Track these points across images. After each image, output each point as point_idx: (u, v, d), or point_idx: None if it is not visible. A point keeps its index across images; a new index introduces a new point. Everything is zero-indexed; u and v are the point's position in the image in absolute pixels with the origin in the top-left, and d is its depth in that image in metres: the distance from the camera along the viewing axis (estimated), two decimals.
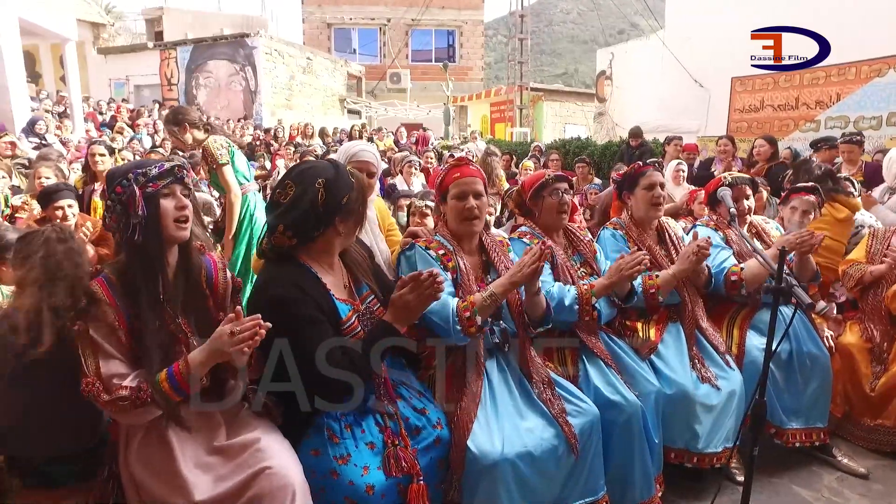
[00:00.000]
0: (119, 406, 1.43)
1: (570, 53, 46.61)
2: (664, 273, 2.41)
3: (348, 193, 1.67)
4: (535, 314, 2.06)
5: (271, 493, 1.44)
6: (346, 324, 1.70)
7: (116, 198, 1.51)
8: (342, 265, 1.83)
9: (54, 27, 10.08)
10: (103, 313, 1.48)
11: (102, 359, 1.45)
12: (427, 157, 7.24)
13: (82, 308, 1.49)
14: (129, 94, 16.51)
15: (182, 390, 1.47)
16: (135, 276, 1.53)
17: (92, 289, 1.51)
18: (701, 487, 2.40)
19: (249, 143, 11.18)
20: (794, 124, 9.13)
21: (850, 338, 2.90)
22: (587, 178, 6.74)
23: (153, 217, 1.52)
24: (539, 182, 2.41)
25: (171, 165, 1.59)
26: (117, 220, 1.52)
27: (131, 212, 1.49)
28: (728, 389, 2.36)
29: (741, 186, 2.75)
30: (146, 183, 1.52)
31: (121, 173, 1.54)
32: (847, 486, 2.52)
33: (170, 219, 1.55)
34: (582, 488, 1.94)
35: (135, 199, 1.49)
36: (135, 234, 1.50)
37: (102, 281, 1.50)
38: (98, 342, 1.46)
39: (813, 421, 2.61)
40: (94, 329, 1.46)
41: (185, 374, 1.46)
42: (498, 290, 1.90)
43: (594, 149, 9.54)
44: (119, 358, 1.48)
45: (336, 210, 1.65)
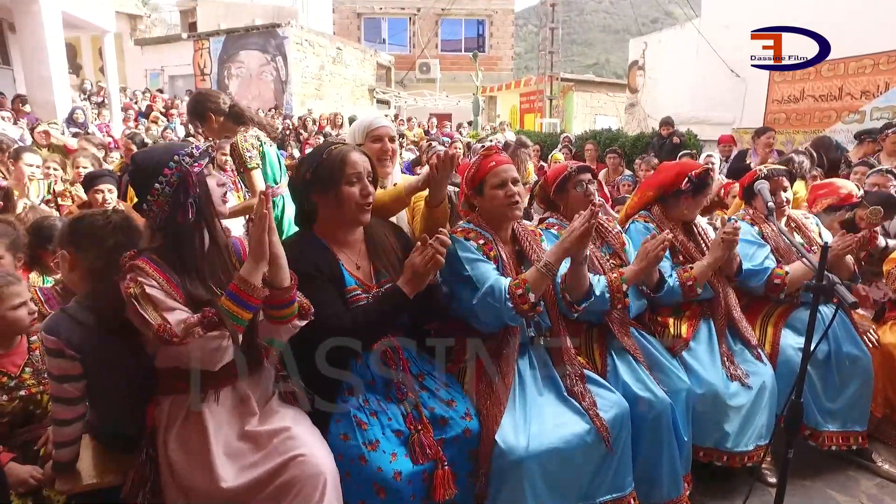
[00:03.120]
0: (194, 337, 1.42)
1: (602, 43, 45.73)
2: (698, 264, 2.38)
3: (311, 168, 1.78)
4: (579, 289, 2.03)
5: (303, 480, 1.46)
6: (351, 293, 1.77)
7: (165, 179, 1.52)
8: (365, 249, 1.88)
9: (94, 19, 10.37)
10: (152, 278, 1.49)
11: (166, 311, 1.45)
12: (454, 146, 7.21)
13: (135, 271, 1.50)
14: (163, 85, 16.90)
15: (245, 302, 1.46)
16: (178, 255, 1.55)
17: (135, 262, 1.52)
18: (731, 487, 2.36)
19: (280, 131, 11.35)
20: (836, 115, 8.75)
21: (890, 337, 2.78)
22: (618, 169, 6.63)
23: (204, 194, 1.55)
24: (563, 175, 2.38)
25: (206, 145, 1.64)
26: (162, 205, 1.52)
27: (188, 190, 1.51)
28: (758, 384, 2.31)
29: (778, 178, 2.65)
30: (192, 163, 1.54)
31: (159, 158, 1.55)
32: (888, 494, 2.43)
33: (216, 196, 1.59)
34: (610, 483, 1.92)
35: (192, 177, 1.52)
36: (187, 212, 1.52)
37: (146, 260, 1.52)
38: (158, 297, 1.46)
39: (851, 424, 2.53)
40: (150, 288, 1.47)
41: (240, 284, 1.46)
42: (552, 257, 1.88)
43: (625, 140, 9.36)
44: (182, 308, 1.48)
45: (306, 185, 1.78)
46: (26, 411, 1.95)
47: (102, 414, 1.81)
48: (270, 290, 1.51)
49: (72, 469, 1.73)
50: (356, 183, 1.77)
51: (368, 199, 1.79)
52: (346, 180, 1.76)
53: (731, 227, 2.29)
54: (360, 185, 1.78)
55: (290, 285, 1.53)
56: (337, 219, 1.82)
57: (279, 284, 1.51)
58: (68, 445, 1.70)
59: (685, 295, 2.34)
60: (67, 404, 1.66)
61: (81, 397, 1.68)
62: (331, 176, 1.75)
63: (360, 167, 1.78)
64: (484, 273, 1.93)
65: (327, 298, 1.70)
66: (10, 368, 1.93)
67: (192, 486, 1.51)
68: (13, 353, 1.95)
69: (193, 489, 1.51)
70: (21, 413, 1.94)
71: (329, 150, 1.79)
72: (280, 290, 1.51)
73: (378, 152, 2.26)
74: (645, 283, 2.35)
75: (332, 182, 1.75)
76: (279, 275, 1.51)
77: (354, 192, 1.76)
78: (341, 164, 1.76)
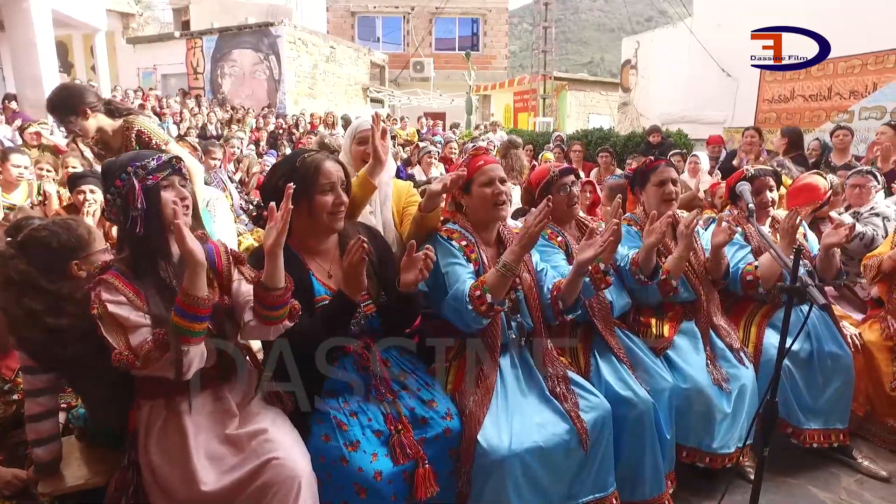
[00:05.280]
0: (152, 360, 1.42)
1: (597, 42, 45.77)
2: (670, 258, 2.38)
3: (282, 176, 1.77)
4: (572, 299, 2.04)
5: (278, 483, 1.47)
6: (319, 303, 1.76)
7: (116, 191, 1.51)
8: (339, 255, 1.86)
9: (86, 18, 10.32)
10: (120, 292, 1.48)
11: (130, 333, 1.44)
12: (450, 147, 7.21)
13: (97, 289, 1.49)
14: (156, 83, 16.78)
15: (195, 315, 1.43)
16: (140, 266, 1.54)
17: (103, 276, 1.51)
18: (713, 485, 2.38)
19: (272, 131, 11.31)
20: (825, 115, 8.83)
21: (870, 336, 2.83)
22: (609, 168, 6.65)
23: (154, 209, 1.53)
24: (545, 180, 2.40)
25: (169, 157, 1.59)
26: (117, 214, 1.53)
27: (131, 205, 1.50)
28: (738, 386, 2.33)
29: (763, 179, 2.68)
30: (146, 176, 1.52)
31: (119, 166, 1.53)
32: (867, 489, 2.47)
33: (170, 209, 1.55)
34: (592, 484, 1.94)
35: (134, 192, 1.50)
36: (136, 226, 1.50)
37: (115, 273, 1.52)
38: (122, 317, 1.45)
39: (832, 422, 2.56)
40: (114, 307, 1.45)
41: (185, 299, 1.42)
42: (509, 257, 1.87)
43: (616, 139, 9.39)
44: (147, 325, 1.47)
45: (278, 193, 1.70)
46: (18, 414, 1.95)
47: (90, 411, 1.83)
48: (267, 292, 1.51)
49: (54, 470, 1.73)
50: (329, 192, 1.77)
51: (341, 208, 1.79)
52: (320, 189, 1.75)
53: (687, 219, 2.31)
54: (334, 195, 1.77)
55: (286, 286, 1.53)
56: (309, 227, 1.81)
57: (275, 285, 1.51)
58: (44, 444, 1.70)
59: (662, 290, 2.34)
60: (33, 396, 1.67)
61: (46, 389, 1.69)
62: (304, 185, 1.74)
63: (333, 176, 1.78)
64: (456, 276, 1.95)
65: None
66: (6, 373, 1.94)
67: (173, 489, 1.52)
68: (8, 357, 1.96)
69: (175, 492, 1.52)
70: (12, 417, 1.95)
71: (303, 159, 1.79)
72: (276, 290, 1.51)
73: (363, 155, 2.27)
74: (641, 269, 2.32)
75: (305, 191, 1.75)
76: (275, 275, 1.51)
77: (328, 202, 1.76)
78: (315, 173, 1.75)
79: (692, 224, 2.32)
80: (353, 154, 2.33)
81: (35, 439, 1.70)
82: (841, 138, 5.18)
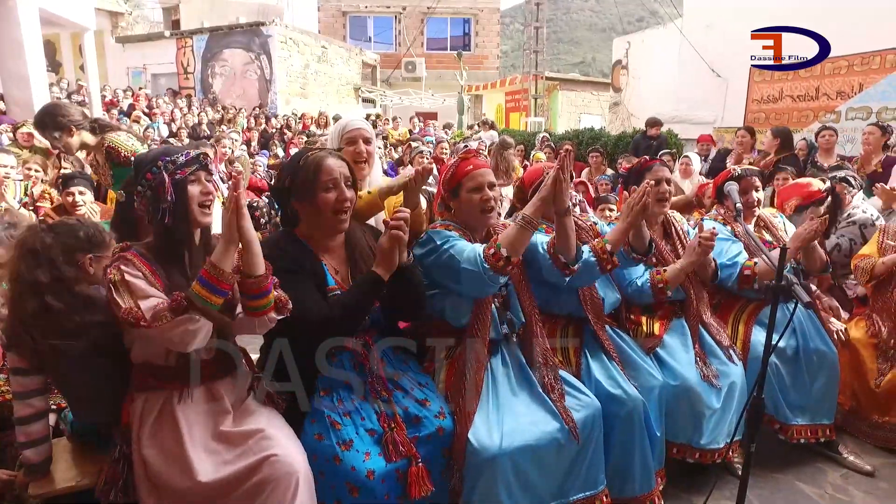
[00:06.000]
0: (162, 322, 1.43)
1: (588, 42, 45.97)
2: (672, 267, 2.41)
3: (289, 176, 1.81)
4: (569, 249, 2.03)
5: (276, 479, 1.48)
6: (332, 293, 1.78)
7: (147, 184, 1.57)
8: (345, 255, 1.89)
9: (73, 16, 10.18)
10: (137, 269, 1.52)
11: (141, 299, 1.47)
12: (441, 147, 7.22)
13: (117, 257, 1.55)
14: (146, 83, 16.66)
15: (217, 288, 1.47)
16: (163, 254, 1.60)
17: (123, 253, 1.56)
18: (703, 481, 2.41)
19: (264, 129, 11.29)
20: (813, 115, 8.92)
21: (855, 333, 2.88)
22: (601, 168, 6.69)
23: (181, 202, 1.58)
24: (539, 179, 2.41)
25: (197, 153, 1.63)
26: (147, 205, 1.59)
27: (161, 197, 1.56)
28: (727, 383, 2.36)
29: (749, 178, 2.72)
30: (175, 170, 1.57)
31: (150, 160, 1.59)
32: (852, 484, 2.51)
33: (195, 204, 1.61)
34: (582, 481, 1.96)
35: (164, 185, 1.55)
36: (164, 217, 1.56)
37: (135, 253, 1.56)
38: (137, 285, 1.49)
39: (819, 418, 2.61)
40: (130, 276, 1.49)
41: (210, 269, 1.47)
42: (528, 210, 1.88)
43: (607, 139, 9.44)
44: (159, 296, 1.50)
45: (285, 193, 1.81)
46: (2, 416, 1.95)
47: (78, 411, 1.82)
48: (245, 279, 1.53)
49: (44, 472, 1.73)
50: (332, 189, 1.77)
51: (345, 204, 1.78)
52: (322, 187, 1.76)
53: (708, 232, 2.31)
54: (337, 192, 1.77)
55: (264, 273, 1.54)
56: (317, 225, 1.82)
57: (253, 272, 1.52)
58: (34, 445, 1.71)
59: (655, 297, 2.38)
60: (23, 398, 1.69)
61: (37, 390, 1.70)
62: (307, 183, 1.76)
63: (335, 173, 1.77)
64: (461, 248, 1.92)
65: (306, 291, 1.71)
66: None
67: (166, 482, 1.52)
68: None
69: (168, 486, 1.52)
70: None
71: (305, 157, 1.79)
72: (254, 278, 1.53)
73: (352, 154, 2.27)
74: (634, 246, 2.35)
75: (309, 189, 1.76)
76: (253, 262, 1.52)
77: (331, 199, 1.76)
78: (316, 170, 1.76)
79: (709, 244, 2.30)
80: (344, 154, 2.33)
81: (25, 441, 1.70)
82: (827, 139, 5.25)
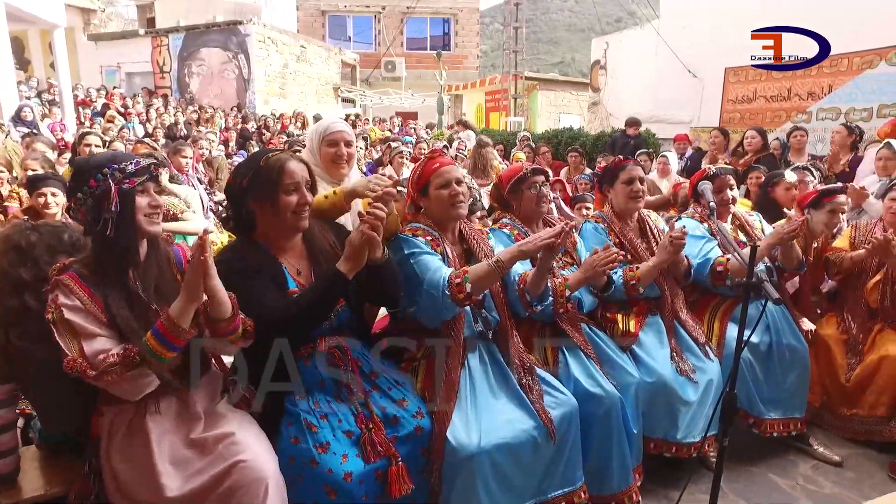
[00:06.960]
0: (110, 374, 1.40)
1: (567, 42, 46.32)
2: (644, 265, 2.44)
3: (245, 176, 1.76)
4: (538, 291, 2.12)
5: (245, 486, 1.46)
6: (293, 296, 1.76)
7: (89, 191, 1.48)
8: (305, 252, 1.87)
9: (42, 13, 9.92)
10: (76, 297, 1.46)
11: (85, 340, 1.42)
12: (419, 147, 7.22)
13: (55, 293, 1.47)
14: (120, 82, 16.31)
15: (171, 343, 1.43)
16: (105, 268, 1.52)
17: (60, 277, 1.49)
18: (679, 476, 2.45)
19: (242, 129, 11.16)
20: (786, 115, 9.14)
21: (826, 329, 2.95)
22: (579, 167, 6.74)
23: (128, 213, 1.50)
24: (517, 176, 2.43)
25: (148, 162, 1.57)
26: (86, 214, 1.50)
27: (104, 207, 1.47)
28: (705, 380, 2.40)
29: (723, 177, 2.77)
30: (122, 179, 1.50)
31: (94, 166, 1.51)
32: (821, 474, 2.59)
33: (142, 215, 1.54)
34: (560, 479, 1.97)
35: (110, 194, 1.47)
36: (106, 228, 1.48)
37: (73, 274, 1.49)
38: (77, 324, 1.43)
39: (791, 411, 2.67)
40: (69, 313, 1.43)
41: (168, 324, 1.42)
42: (506, 256, 1.91)
43: (586, 139, 9.53)
44: (103, 335, 1.45)
45: (243, 192, 1.76)
46: None
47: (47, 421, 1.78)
48: (215, 324, 1.50)
49: (12, 482, 1.69)
50: (294, 192, 1.75)
51: (305, 207, 1.78)
52: (284, 189, 1.74)
53: (678, 231, 2.35)
54: (298, 195, 1.76)
55: (232, 315, 1.51)
56: (275, 226, 1.81)
57: (221, 316, 1.50)
58: (3, 456, 1.67)
59: (627, 293, 2.41)
60: None
61: (4, 401, 1.67)
62: (269, 185, 1.73)
63: (297, 176, 1.76)
64: (426, 264, 1.96)
65: (266, 292, 1.69)
66: None
67: (136, 496, 1.50)
68: None
69: (139, 499, 1.50)
70: None
71: (266, 158, 1.77)
72: (223, 321, 1.50)
73: (333, 156, 2.26)
74: (593, 283, 2.40)
75: (270, 191, 1.74)
76: (220, 309, 1.49)
77: (292, 202, 1.75)
78: (279, 173, 1.74)
79: (679, 242, 2.33)
80: (323, 155, 2.31)
81: None
82: (798, 139, 5.44)
